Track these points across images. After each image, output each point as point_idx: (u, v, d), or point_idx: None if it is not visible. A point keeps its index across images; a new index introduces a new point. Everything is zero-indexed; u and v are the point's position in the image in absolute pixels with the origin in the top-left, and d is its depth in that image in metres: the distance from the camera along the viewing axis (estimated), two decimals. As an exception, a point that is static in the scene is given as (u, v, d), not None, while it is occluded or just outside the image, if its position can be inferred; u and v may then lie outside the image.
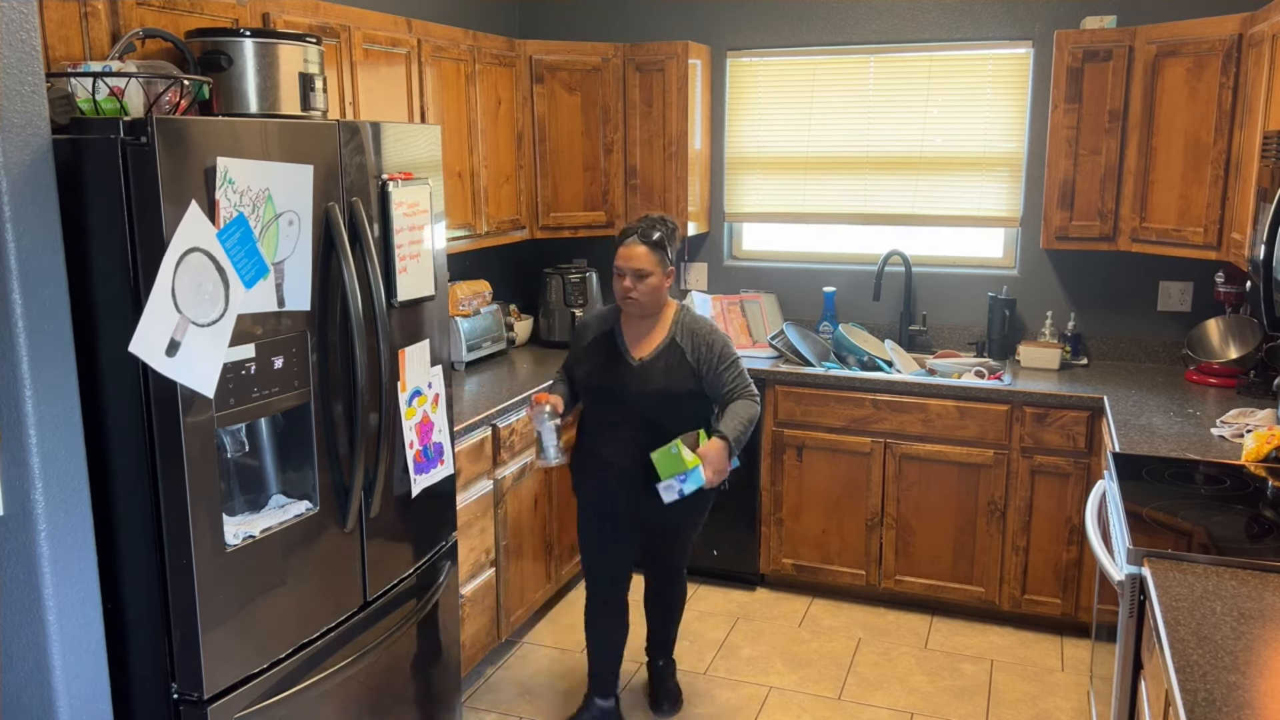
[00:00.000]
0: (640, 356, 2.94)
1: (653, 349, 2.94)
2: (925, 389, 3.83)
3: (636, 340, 2.97)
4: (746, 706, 3.35)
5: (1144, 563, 2.16)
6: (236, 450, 2.27)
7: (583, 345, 3.04)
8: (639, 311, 2.94)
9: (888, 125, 4.33)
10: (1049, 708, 3.33)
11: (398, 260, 2.55)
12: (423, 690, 2.82)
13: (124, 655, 2.11)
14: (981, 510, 3.81)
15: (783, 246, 4.69)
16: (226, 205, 2.01)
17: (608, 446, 2.98)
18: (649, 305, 2.92)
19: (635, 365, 2.93)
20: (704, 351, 2.93)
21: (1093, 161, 3.77)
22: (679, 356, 2.93)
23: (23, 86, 1.74)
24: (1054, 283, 4.21)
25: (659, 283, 2.91)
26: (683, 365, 2.92)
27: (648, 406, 2.91)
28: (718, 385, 2.94)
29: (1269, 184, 2.79)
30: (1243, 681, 1.65)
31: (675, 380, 2.91)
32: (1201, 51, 3.46)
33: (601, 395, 2.98)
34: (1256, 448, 2.78)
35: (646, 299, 2.90)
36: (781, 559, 4.12)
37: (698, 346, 2.94)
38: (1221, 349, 3.73)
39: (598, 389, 2.98)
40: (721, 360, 2.93)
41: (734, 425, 2.85)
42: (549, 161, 4.26)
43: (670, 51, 4.21)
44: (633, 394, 2.92)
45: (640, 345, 2.96)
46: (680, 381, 2.92)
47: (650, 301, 2.91)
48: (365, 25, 3.17)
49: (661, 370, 2.92)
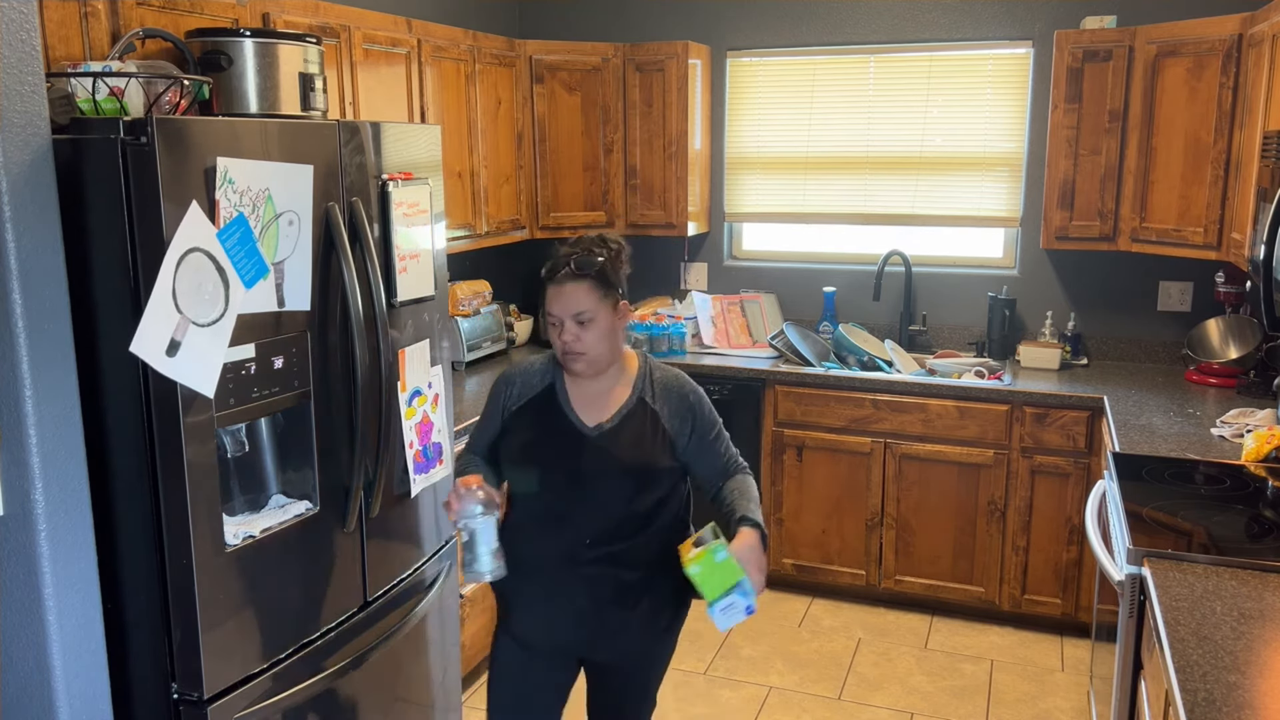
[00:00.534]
0: (598, 423, 2.15)
1: (614, 413, 2.16)
2: (925, 389, 3.83)
3: (588, 402, 2.18)
4: (746, 706, 3.35)
5: (1144, 563, 2.16)
6: (236, 450, 2.27)
7: (510, 409, 2.22)
8: (590, 371, 2.15)
9: (888, 125, 4.33)
10: (1049, 708, 3.33)
11: (397, 260, 2.55)
12: (423, 690, 2.82)
13: (124, 655, 2.11)
14: (981, 510, 3.81)
15: (783, 246, 4.69)
16: (226, 205, 2.01)
17: (552, 549, 2.13)
18: (601, 360, 2.14)
19: (592, 435, 2.14)
20: (687, 415, 2.20)
21: (1093, 161, 3.77)
22: (652, 422, 2.17)
23: (23, 86, 1.74)
24: (1054, 283, 4.21)
25: (609, 325, 2.12)
26: (657, 433, 2.16)
27: (612, 492, 2.12)
28: (708, 459, 2.23)
29: (1269, 184, 2.79)
30: (1243, 681, 1.65)
31: (649, 454, 2.14)
32: (1201, 51, 3.46)
33: (546, 478, 2.15)
34: (1256, 448, 2.78)
35: (597, 352, 2.12)
36: (781, 559, 4.12)
37: (678, 408, 2.20)
38: (1221, 349, 3.73)
39: (541, 469, 2.15)
40: (712, 426, 2.23)
41: (749, 504, 2.18)
42: (549, 161, 4.26)
43: (670, 51, 4.21)
44: (590, 474, 2.12)
45: (595, 408, 2.17)
46: (656, 455, 2.15)
47: (602, 354, 2.13)
48: (365, 25, 3.16)
49: (630, 441, 2.14)
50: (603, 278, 2.10)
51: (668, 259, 4.76)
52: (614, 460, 2.13)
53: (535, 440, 2.17)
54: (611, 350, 2.16)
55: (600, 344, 2.12)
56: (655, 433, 2.17)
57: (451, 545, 2.93)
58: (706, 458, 2.23)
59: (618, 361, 2.21)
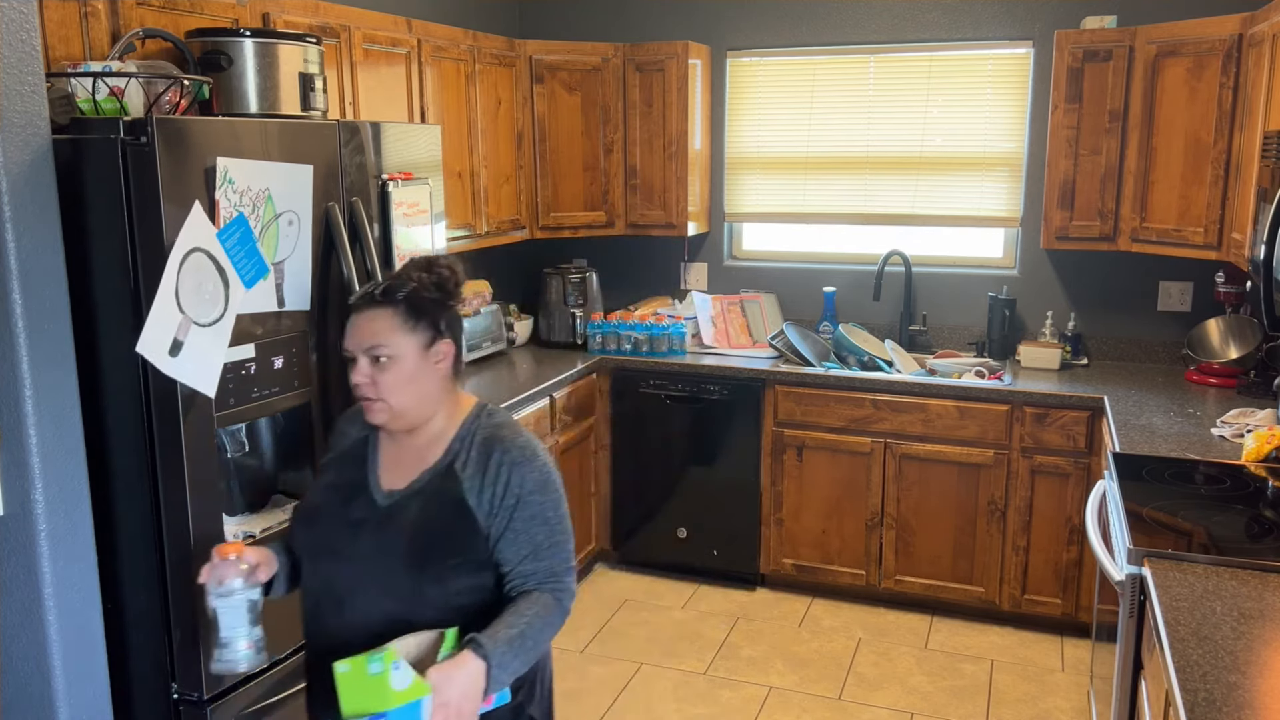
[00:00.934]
0: (391, 489, 1.73)
1: (412, 479, 1.72)
2: (925, 389, 3.83)
3: (394, 462, 1.75)
4: (746, 706, 3.35)
5: (1144, 563, 2.16)
6: (236, 450, 2.27)
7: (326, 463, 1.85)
8: (396, 424, 1.71)
9: (888, 125, 4.33)
10: (1049, 708, 3.33)
11: (398, 260, 2.55)
12: (423, 690, 2.82)
13: (124, 655, 2.11)
14: (981, 510, 3.81)
15: (783, 246, 4.69)
16: (226, 205, 2.01)
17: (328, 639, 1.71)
18: (407, 412, 1.70)
19: (382, 504, 1.71)
20: (499, 486, 1.68)
21: (1093, 161, 3.77)
22: (451, 492, 1.68)
23: (23, 86, 1.74)
24: (1054, 283, 4.21)
25: (416, 369, 1.67)
26: (455, 508, 1.67)
27: (395, 577, 1.66)
28: (513, 550, 1.67)
29: (1269, 184, 2.79)
30: (1243, 681, 1.65)
31: (434, 533, 1.66)
32: (1201, 51, 3.46)
33: (322, 551, 1.73)
34: (1256, 448, 2.78)
35: (398, 401, 1.68)
36: (781, 559, 4.12)
37: (492, 477, 1.68)
38: (1221, 349, 3.73)
39: (316, 541, 1.74)
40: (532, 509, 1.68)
41: (508, 632, 1.60)
42: (549, 161, 4.26)
43: (670, 51, 4.21)
44: (368, 553, 1.68)
45: (397, 471, 1.74)
46: (443, 536, 1.66)
47: (406, 405, 1.69)
48: (365, 25, 3.16)
49: (418, 516, 1.68)
50: (413, 307, 1.68)
51: (668, 259, 4.76)
52: (395, 539, 1.67)
53: (322, 504, 1.76)
54: (421, 401, 1.70)
55: (402, 392, 1.67)
56: (450, 507, 1.67)
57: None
58: (511, 548, 1.67)
59: (438, 415, 1.73)
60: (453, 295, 1.73)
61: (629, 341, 4.24)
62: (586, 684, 3.47)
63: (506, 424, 1.76)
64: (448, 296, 1.72)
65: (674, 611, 4.01)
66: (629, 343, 4.24)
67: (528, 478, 1.69)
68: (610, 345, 4.28)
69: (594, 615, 3.97)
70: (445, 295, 1.72)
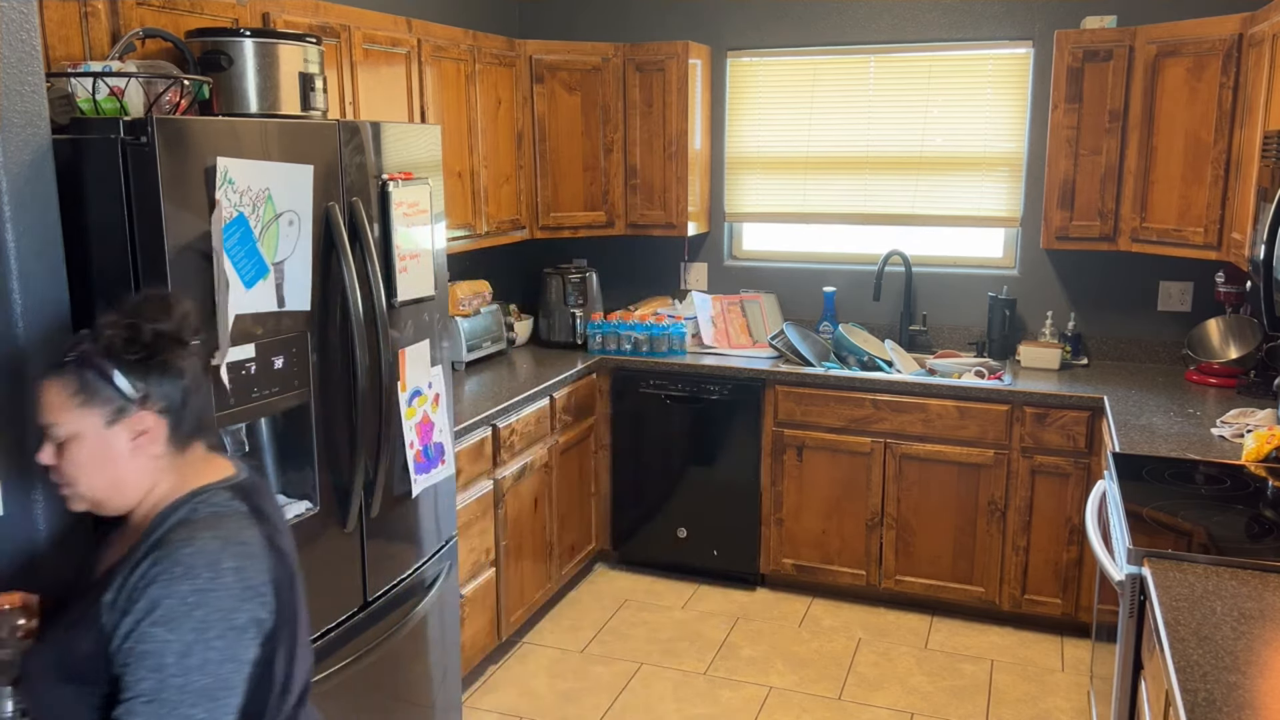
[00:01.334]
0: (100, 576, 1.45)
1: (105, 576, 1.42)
2: (925, 389, 3.83)
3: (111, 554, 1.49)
4: (746, 706, 3.35)
5: (1144, 563, 2.16)
6: (236, 450, 2.27)
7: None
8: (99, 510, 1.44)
9: (888, 125, 4.33)
10: (1049, 708, 3.33)
11: (398, 260, 2.55)
12: (422, 690, 2.82)
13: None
14: (981, 510, 3.81)
15: (783, 246, 4.69)
16: (226, 205, 2.01)
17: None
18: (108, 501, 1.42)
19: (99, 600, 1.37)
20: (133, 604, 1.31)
21: (1093, 161, 3.77)
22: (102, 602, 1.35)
23: (23, 86, 1.74)
24: (1054, 283, 4.21)
25: (102, 450, 1.38)
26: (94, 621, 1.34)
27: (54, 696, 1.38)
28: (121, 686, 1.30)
29: (1269, 184, 2.79)
30: (1243, 681, 1.65)
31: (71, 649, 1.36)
32: (1202, 51, 3.46)
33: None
34: (1257, 448, 2.78)
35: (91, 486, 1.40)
36: (782, 559, 4.12)
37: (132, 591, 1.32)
38: (1222, 349, 3.73)
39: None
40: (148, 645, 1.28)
41: None
42: (549, 161, 4.26)
43: (670, 51, 4.21)
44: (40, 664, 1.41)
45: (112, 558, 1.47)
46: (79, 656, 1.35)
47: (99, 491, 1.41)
48: (365, 25, 3.16)
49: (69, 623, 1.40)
50: (84, 377, 1.35)
51: (668, 259, 4.76)
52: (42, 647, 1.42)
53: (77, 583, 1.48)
54: (118, 487, 1.40)
55: (92, 477, 1.38)
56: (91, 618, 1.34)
57: (451, 546, 2.92)
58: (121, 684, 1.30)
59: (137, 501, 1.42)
60: (155, 348, 1.37)
61: (629, 341, 4.24)
62: (586, 684, 3.47)
63: (201, 522, 1.37)
64: (149, 352, 1.36)
65: (674, 611, 4.01)
66: (629, 343, 4.24)
67: (162, 603, 1.28)
68: (610, 345, 4.28)
69: (594, 615, 3.97)
70: (144, 351, 1.36)
